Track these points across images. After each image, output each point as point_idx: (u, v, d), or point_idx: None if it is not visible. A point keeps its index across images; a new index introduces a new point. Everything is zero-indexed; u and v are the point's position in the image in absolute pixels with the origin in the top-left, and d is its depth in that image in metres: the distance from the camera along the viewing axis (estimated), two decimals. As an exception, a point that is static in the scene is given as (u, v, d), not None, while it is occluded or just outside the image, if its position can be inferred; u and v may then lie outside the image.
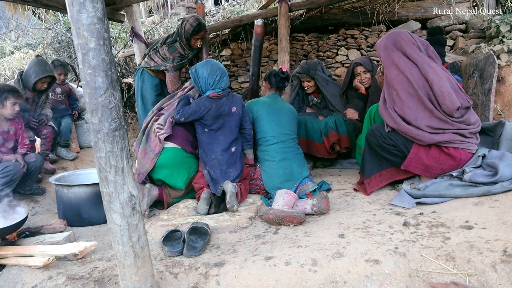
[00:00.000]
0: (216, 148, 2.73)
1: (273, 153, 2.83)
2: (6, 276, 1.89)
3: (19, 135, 3.13)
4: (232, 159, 2.74)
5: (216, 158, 2.71)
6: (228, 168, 2.70)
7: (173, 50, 3.64)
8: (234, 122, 2.80)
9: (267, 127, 2.91)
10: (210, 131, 2.77)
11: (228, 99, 2.82)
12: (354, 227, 2.02)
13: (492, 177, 2.17)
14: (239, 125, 2.84)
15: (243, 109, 2.88)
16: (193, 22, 3.54)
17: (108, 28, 1.30)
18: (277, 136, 2.87)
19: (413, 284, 1.50)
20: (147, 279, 1.50)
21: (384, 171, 2.59)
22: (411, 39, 2.43)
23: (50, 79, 3.50)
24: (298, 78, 3.90)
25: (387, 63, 2.47)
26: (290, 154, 2.86)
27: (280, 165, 2.78)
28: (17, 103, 3.01)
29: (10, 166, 2.78)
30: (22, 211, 2.28)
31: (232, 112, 2.79)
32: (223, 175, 2.67)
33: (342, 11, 4.58)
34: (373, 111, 3.10)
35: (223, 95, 2.81)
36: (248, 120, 2.89)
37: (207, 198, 2.55)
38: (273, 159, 2.81)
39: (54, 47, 6.11)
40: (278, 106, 3.01)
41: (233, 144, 2.78)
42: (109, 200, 1.39)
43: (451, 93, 2.25)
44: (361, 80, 3.59)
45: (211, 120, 2.74)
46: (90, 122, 1.35)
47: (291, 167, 2.80)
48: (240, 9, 5.71)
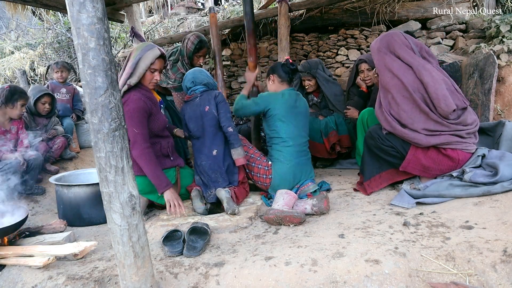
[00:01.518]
0: (202, 153, 2.71)
1: (288, 155, 2.71)
2: (6, 276, 1.89)
3: (20, 134, 3.18)
4: (215, 164, 2.65)
5: (200, 164, 2.70)
6: (214, 174, 2.64)
7: (175, 70, 3.55)
8: (209, 122, 2.69)
9: (284, 128, 2.74)
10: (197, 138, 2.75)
11: (201, 99, 2.74)
12: (354, 227, 2.02)
13: (492, 177, 2.16)
14: (216, 124, 2.70)
15: (219, 105, 2.71)
16: (194, 40, 3.44)
17: (108, 28, 1.30)
18: (293, 138, 2.73)
19: (413, 284, 1.50)
20: (147, 279, 1.50)
21: (383, 172, 2.59)
22: (404, 41, 2.40)
23: (49, 98, 3.58)
24: (299, 77, 3.90)
25: (381, 67, 2.44)
26: (303, 158, 2.77)
27: (291, 170, 2.70)
28: (25, 105, 3.14)
29: (10, 164, 2.81)
30: (22, 211, 2.28)
31: (206, 112, 2.70)
32: (212, 181, 2.64)
33: (342, 11, 4.58)
34: (365, 116, 3.09)
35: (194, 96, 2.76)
36: (224, 117, 2.68)
37: (198, 195, 2.54)
38: (288, 162, 2.70)
39: (54, 47, 6.12)
40: (296, 105, 2.79)
41: (213, 147, 2.69)
42: (109, 200, 1.39)
43: (446, 96, 2.24)
44: (365, 77, 3.58)
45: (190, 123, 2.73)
46: (90, 122, 1.35)
47: (300, 173, 2.73)
48: (240, 9, 5.71)
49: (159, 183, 2.36)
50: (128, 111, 2.37)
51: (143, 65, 2.44)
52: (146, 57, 2.45)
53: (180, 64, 3.54)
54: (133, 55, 2.47)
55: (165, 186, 2.37)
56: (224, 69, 4.26)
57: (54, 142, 3.63)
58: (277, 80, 2.89)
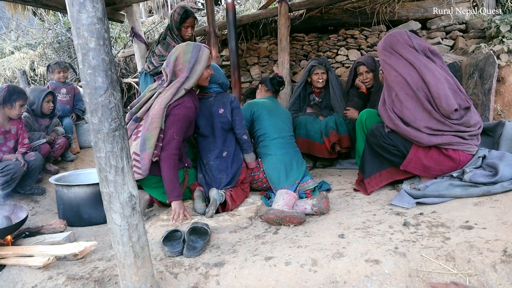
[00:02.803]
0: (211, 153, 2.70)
1: (274, 148, 2.86)
2: (6, 276, 1.89)
3: (20, 134, 3.18)
4: (223, 165, 2.67)
5: (207, 163, 2.70)
6: (219, 174, 2.65)
7: (167, 47, 3.59)
8: (221, 124, 2.70)
9: (268, 124, 2.94)
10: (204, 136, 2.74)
11: (216, 100, 2.74)
12: (354, 227, 2.02)
13: (492, 177, 2.16)
14: (228, 127, 2.73)
15: (234, 111, 2.74)
16: (180, 10, 3.53)
17: (108, 28, 1.30)
18: (277, 132, 2.92)
19: (413, 284, 1.50)
20: (147, 279, 1.50)
21: (384, 171, 2.59)
22: (407, 41, 2.42)
23: (51, 97, 3.64)
24: (305, 76, 3.89)
25: (385, 65, 2.47)
26: (290, 149, 2.91)
27: (281, 158, 2.81)
28: (24, 104, 3.12)
29: (10, 165, 2.81)
30: (22, 211, 2.28)
31: (219, 114, 2.70)
32: (215, 180, 2.64)
33: (342, 11, 4.58)
34: (364, 117, 3.10)
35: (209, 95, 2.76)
36: (239, 124, 2.74)
37: (200, 195, 2.53)
38: (275, 153, 2.84)
39: (54, 47, 6.11)
40: (276, 107, 3.11)
41: (225, 149, 2.71)
42: (109, 200, 1.39)
43: (448, 95, 2.24)
44: (363, 79, 3.59)
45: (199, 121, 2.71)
46: (90, 122, 1.35)
47: (291, 162, 2.82)
48: (240, 9, 5.71)
49: (173, 191, 2.35)
50: (176, 115, 2.39)
51: (199, 68, 2.48)
52: (200, 59, 2.48)
53: (170, 38, 3.60)
54: (184, 59, 2.47)
55: (176, 196, 2.36)
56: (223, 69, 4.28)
57: (55, 142, 3.64)
58: (264, 89, 3.30)
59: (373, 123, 2.71)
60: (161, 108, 2.38)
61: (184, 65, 2.47)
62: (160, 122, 2.37)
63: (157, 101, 2.47)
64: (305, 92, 3.98)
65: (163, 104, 2.39)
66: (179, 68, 2.48)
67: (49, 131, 3.67)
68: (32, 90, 3.67)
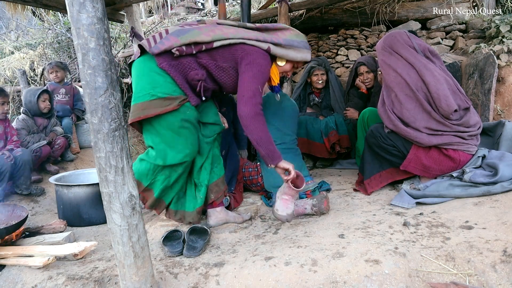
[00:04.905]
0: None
1: None
2: (6, 276, 1.89)
3: (8, 133, 3.19)
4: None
5: None
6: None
7: None
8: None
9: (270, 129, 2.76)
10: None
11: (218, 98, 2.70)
12: (354, 227, 2.02)
13: (492, 177, 2.17)
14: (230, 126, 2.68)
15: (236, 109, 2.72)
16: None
17: (108, 28, 1.30)
18: (280, 137, 2.79)
19: (413, 284, 1.50)
20: (147, 279, 1.50)
21: (384, 171, 2.59)
22: (407, 41, 2.42)
23: (47, 95, 3.65)
24: (304, 77, 3.89)
25: (385, 66, 2.46)
26: (290, 155, 2.78)
27: None
28: (5, 102, 3.10)
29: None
30: (22, 211, 2.28)
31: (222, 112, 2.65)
32: None
33: (342, 11, 4.58)
34: (366, 115, 3.09)
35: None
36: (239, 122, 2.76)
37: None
38: None
39: (54, 47, 6.11)
40: (282, 105, 2.87)
41: (224, 147, 2.67)
42: (109, 200, 1.39)
43: (447, 96, 2.25)
44: (364, 79, 3.59)
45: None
46: (90, 122, 1.35)
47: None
48: (240, 9, 5.70)
49: (273, 153, 1.92)
50: (257, 63, 1.94)
51: (293, 54, 2.11)
52: (302, 53, 2.14)
53: None
54: (290, 36, 2.13)
55: (278, 156, 1.94)
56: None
57: (55, 142, 3.64)
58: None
59: (375, 121, 2.71)
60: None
61: (286, 38, 2.09)
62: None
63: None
64: (305, 93, 3.98)
65: (238, 35, 1.96)
66: (279, 36, 2.09)
67: (48, 131, 3.67)
68: (27, 90, 3.70)
